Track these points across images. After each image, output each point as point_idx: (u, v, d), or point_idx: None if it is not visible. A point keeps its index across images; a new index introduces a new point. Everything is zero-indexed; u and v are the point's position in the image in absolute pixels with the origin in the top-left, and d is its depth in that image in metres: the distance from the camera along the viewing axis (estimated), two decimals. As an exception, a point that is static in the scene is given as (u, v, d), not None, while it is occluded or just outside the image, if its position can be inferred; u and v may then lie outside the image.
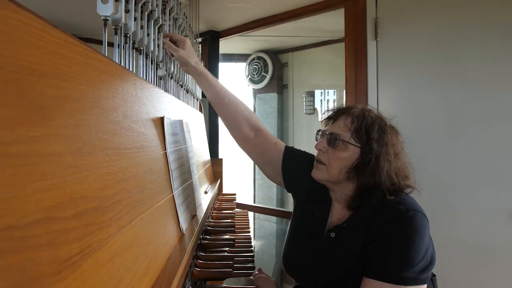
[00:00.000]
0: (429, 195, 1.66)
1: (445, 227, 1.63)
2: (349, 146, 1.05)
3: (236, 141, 1.40)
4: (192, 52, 1.28)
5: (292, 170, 1.30)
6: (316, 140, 1.14)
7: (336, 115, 1.13)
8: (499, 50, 1.56)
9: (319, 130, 1.14)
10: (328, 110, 1.19)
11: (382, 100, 1.87)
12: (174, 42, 1.27)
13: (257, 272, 1.25)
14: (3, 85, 0.34)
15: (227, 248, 1.27)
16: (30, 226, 0.35)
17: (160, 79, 1.25)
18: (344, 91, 2.02)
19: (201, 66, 1.30)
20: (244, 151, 1.40)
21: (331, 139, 1.07)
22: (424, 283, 0.96)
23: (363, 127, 1.06)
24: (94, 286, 0.46)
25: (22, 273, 0.33)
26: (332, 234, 1.08)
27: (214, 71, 2.67)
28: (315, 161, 1.13)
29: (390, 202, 1.02)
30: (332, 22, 2.54)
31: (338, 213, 1.13)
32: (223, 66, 2.92)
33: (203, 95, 2.04)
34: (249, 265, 1.25)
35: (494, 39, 1.57)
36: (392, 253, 0.95)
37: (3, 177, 0.32)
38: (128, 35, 0.90)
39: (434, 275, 1.11)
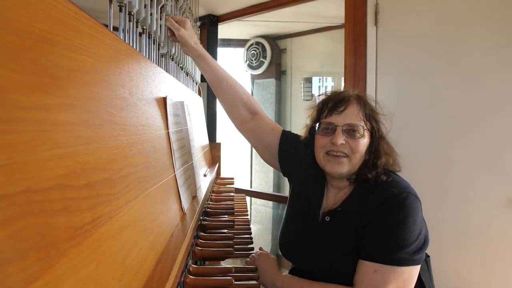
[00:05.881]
0: (426, 181, 1.69)
1: (441, 212, 1.66)
2: (365, 133, 1.06)
3: (234, 124, 1.41)
4: (192, 33, 1.28)
5: (288, 155, 1.31)
6: (324, 134, 1.08)
7: (339, 105, 1.08)
8: (500, 40, 1.56)
9: (328, 124, 1.08)
10: (322, 103, 1.14)
11: (381, 86, 1.87)
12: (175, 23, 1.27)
13: (258, 250, 1.27)
14: (20, 51, 0.34)
15: (225, 230, 1.29)
16: (47, 191, 0.36)
17: (162, 56, 1.24)
18: (343, 78, 2.02)
19: (201, 47, 1.30)
20: (242, 134, 1.41)
21: (350, 130, 1.05)
22: (418, 264, 0.98)
23: (368, 111, 1.08)
24: (105, 255, 0.47)
25: (40, 236, 0.34)
26: (327, 218, 1.10)
27: (213, 56, 2.65)
28: (331, 156, 1.07)
29: (384, 185, 1.04)
30: (332, 8, 2.52)
31: (333, 196, 1.15)
32: (221, 51, 2.90)
33: (202, 79, 2.03)
34: (248, 246, 1.27)
35: (496, 28, 1.57)
36: (386, 235, 0.98)
37: (21, 140, 0.33)
38: (132, 13, 0.90)
39: (428, 256, 1.14)
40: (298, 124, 3.23)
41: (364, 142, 1.06)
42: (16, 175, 0.31)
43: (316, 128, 1.11)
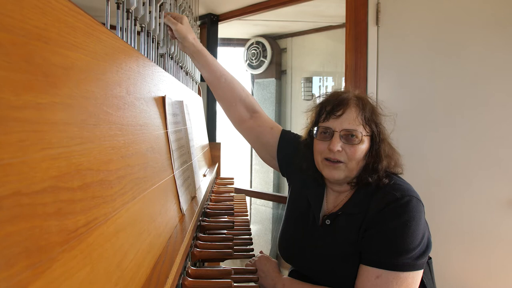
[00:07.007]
0: (426, 181, 1.67)
1: (441, 213, 1.65)
2: (364, 138, 1.03)
3: (232, 123, 1.39)
4: (190, 29, 1.26)
5: (287, 155, 1.28)
6: (322, 139, 1.06)
7: (337, 109, 1.05)
8: (501, 39, 1.55)
9: (326, 128, 1.05)
10: (321, 105, 1.11)
11: (382, 86, 1.86)
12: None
13: (259, 253, 1.26)
14: (12, 48, 0.33)
15: (225, 231, 1.27)
16: (38, 194, 0.34)
17: (161, 56, 1.23)
18: (343, 78, 2.01)
19: (199, 43, 1.28)
20: (240, 133, 1.39)
21: (348, 135, 1.02)
22: (421, 269, 0.96)
23: (368, 115, 1.05)
24: (100, 259, 0.45)
25: (31, 241, 0.32)
26: (327, 221, 1.08)
27: (213, 55, 2.64)
28: (328, 162, 1.05)
29: (386, 188, 1.02)
30: (333, 7, 2.51)
31: (333, 200, 1.13)
32: (221, 51, 2.88)
33: (202, 79, 2.01)
34: (247, 247, 1.26)
35: (497, 27, 1.56)
36: (388, 240, 0.95)
37: (11, 141, 0.31)
38: (131, 11, 0.88)
39: (430, 258, 1.12)
40: (298, 124, 3.22)
41: (362, 148, 1.03)
42: (5, 177, 0.30)
43: (314, 132, 1.09)
